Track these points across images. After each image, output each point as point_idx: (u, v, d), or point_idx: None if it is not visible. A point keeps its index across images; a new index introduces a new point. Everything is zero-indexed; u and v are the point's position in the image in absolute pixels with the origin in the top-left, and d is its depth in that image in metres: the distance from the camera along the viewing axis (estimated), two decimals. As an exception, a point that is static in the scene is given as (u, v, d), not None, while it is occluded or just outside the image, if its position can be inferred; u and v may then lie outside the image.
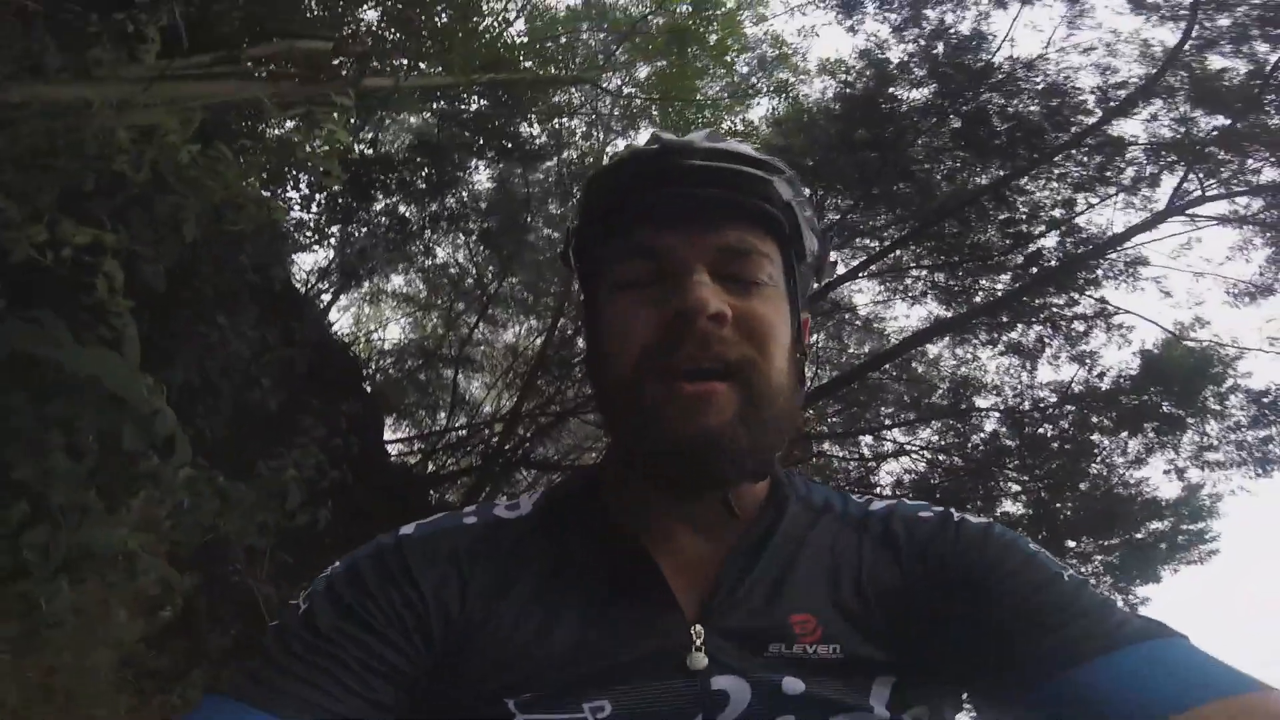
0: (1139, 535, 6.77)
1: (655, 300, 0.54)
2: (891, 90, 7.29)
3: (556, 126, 7.53)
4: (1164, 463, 6.51)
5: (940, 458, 6.92)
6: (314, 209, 5.19)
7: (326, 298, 8.18)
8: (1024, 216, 7.04)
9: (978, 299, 6.84)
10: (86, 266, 2.22)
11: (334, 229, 5.93)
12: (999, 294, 6.83)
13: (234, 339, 4.15)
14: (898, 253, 7.18)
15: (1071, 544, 6.93)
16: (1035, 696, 0.47)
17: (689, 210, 0.55)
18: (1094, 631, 0.47)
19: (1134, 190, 7.33)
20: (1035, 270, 6.84)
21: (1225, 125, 7.24)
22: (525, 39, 6.66)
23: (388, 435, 8.76)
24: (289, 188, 5.62)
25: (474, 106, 6.47)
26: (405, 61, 5.38)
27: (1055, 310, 6.69)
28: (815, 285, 0.69)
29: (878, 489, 7.63)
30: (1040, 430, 6.66)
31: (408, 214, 7.38)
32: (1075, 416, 6.54)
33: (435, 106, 5.99)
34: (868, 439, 7.25)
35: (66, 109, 2.52)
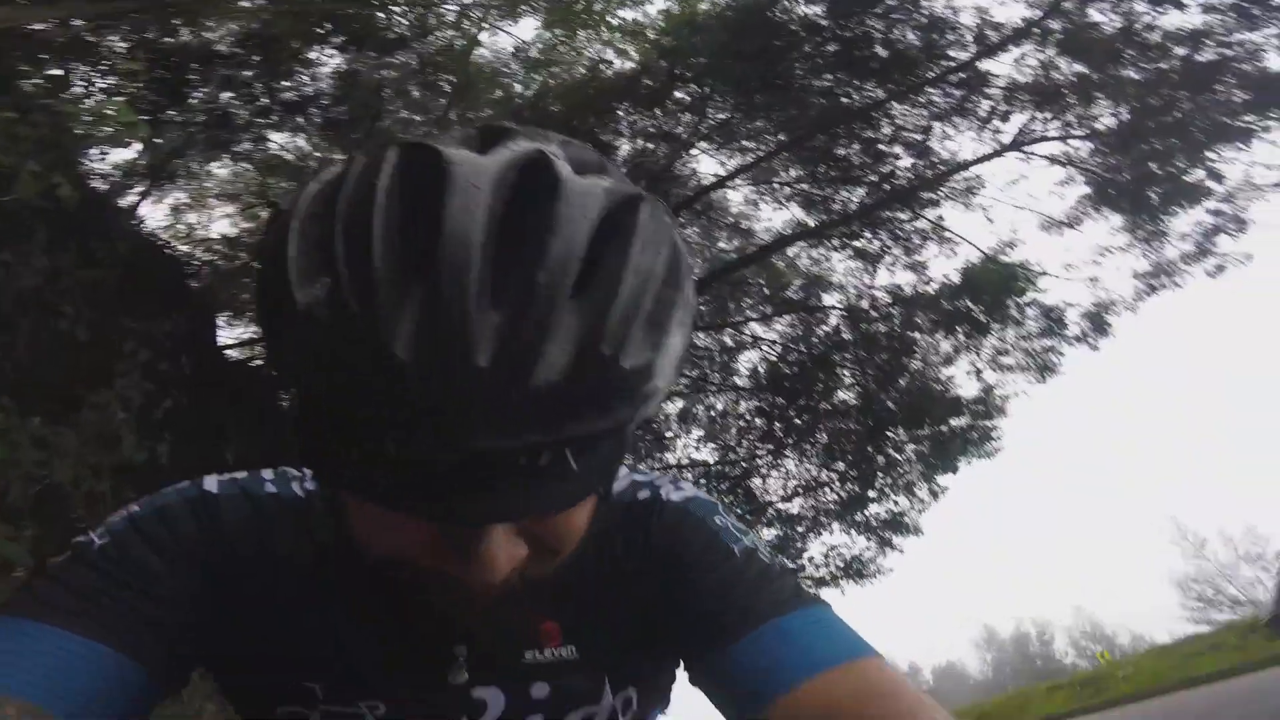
0: (944, 429, 8.45)
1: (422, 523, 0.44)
2: (783, 2, 8.23)
3: (421, 13, 7.38)
4: (968, 364, 8.17)
5: (790, 346, 8.31)
6: (111, 111, 4.52)
7: (136, 197, 7.71)
8: (886, 138, 8.29)
9: (835, 207, 8.10)
10: None
11: (142, 131, 5.81)
12: (854, 205, 8.11)
13: (23, 271, 3.88)
14: (771, 160, 8.30)
15: (890, 434, 8.57)
16: (709, 667, 0.58)
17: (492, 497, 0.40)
18: (747, 608, 0.56)
19: (986, 123, 8.69)
20: (888, 187, 8.15)
21: (1083, 74, 8.64)
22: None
23: (228, 337, 8.72)
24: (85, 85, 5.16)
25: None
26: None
27: (899, 224, 8.06)
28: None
29: (736, 376, 9.01)
30: (874, 328, 8.13)
31: (232, 107, 7.20)
32: (903, 316, 8.02)
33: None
34: (730, 331, 8.54)
35: None
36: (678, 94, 8.00)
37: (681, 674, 0.66)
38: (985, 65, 8.77)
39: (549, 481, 0.40)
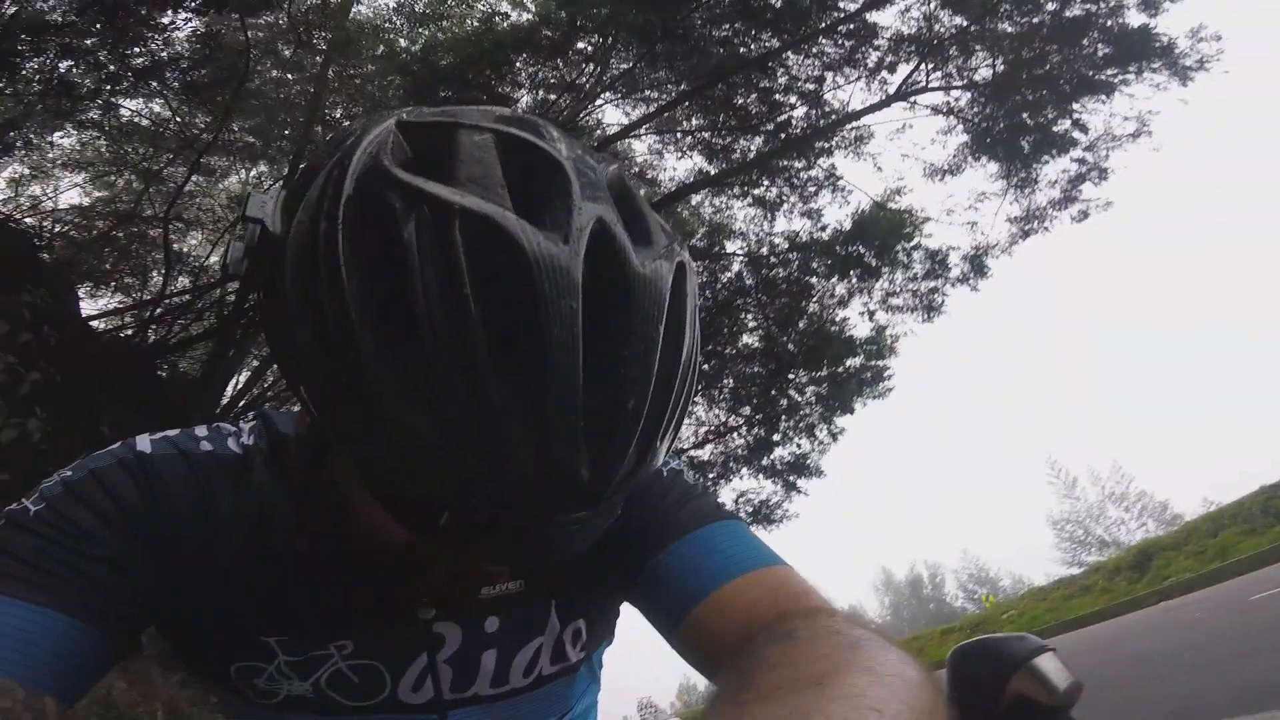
0: (840, 370, 9.13)
1: None
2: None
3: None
4: (861, 306, 8.84)
5: (696, 292, 8.69)
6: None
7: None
8: (781, 87, 8.69)
9: (735, 156, 8.47)
10: None
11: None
12: (753, 154, 8.50)
13: None
14: (674, 110, 8.54)
15: (792, 376, 9.18)
16: (641, 582, 0.63)
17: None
18: (672, 522, 0.63)
19: (874, 74, 9.22)
20: (784, 136, 8.58)
21: (963, 26, 9.24)
22: None
23: (93, 309, 8.55)
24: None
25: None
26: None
27: (795, 172, 8.52)
28: None
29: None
30: (774, 273, 8.63)
31: (73, 76, 6.92)
32: (800, 261, 8.56)
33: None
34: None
35: None
36: (579, 44, 8.06)
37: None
38: (873, 17, 9.25)
39: (588, 529, 0.45)
